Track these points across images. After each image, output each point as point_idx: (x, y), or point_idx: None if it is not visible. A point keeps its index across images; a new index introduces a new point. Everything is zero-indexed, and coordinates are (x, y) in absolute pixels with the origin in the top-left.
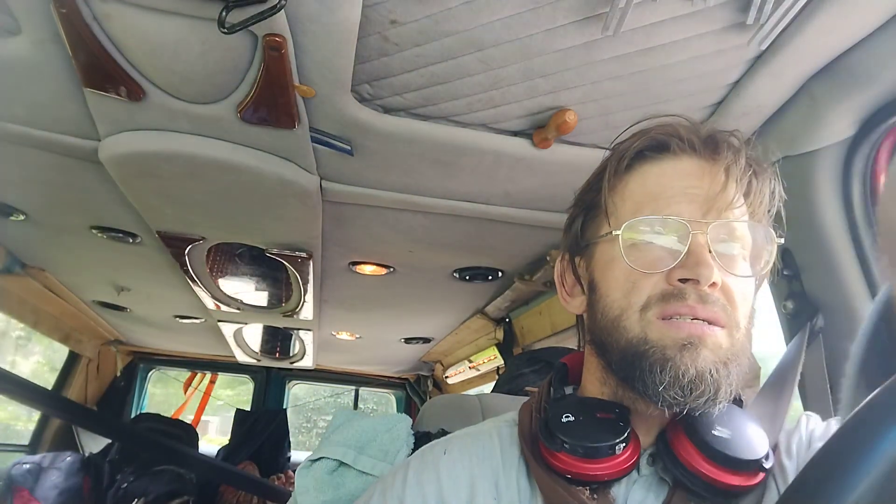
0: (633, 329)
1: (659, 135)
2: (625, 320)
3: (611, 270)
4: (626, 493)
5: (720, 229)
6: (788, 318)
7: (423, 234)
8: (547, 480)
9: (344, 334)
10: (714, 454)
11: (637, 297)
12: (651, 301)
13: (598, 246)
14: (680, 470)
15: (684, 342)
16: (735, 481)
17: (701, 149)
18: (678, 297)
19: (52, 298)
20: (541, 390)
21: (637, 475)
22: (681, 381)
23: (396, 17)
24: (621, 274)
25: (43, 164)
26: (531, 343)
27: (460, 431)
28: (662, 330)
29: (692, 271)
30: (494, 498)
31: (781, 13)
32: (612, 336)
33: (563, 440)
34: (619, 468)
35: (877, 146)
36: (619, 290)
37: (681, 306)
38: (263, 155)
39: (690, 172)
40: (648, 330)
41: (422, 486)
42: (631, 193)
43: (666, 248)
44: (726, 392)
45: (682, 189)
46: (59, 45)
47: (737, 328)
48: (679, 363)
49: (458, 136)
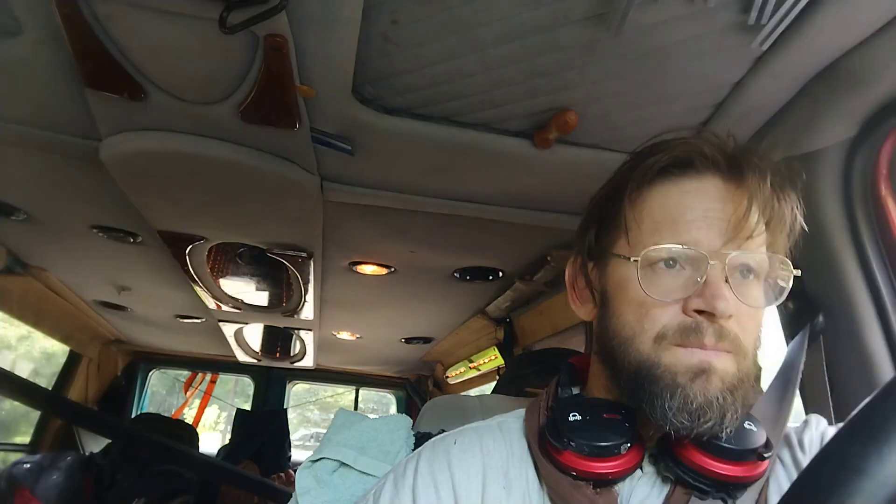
0: (646, 353)
1: (683, 151)
2: (638, 343)
3: (624, 291)
4: (630, 491)
5: (738, 259)
6: (788, 318)
7: (423, 235)
8: (554, 475)
9: (344, 334)
10: (712, 447)
11: (651, 325)
12: (667, 332)
13: (612, 261)
14: (680, 467)
15: (696, 370)
16: (735, 472)
17: (725, 169)
18: (696, 333)
19: (52, 298)
20: (548, 389)
21: (640, 473)
22: (689, 408)
23: (398, 18)
24: (635, 297)
25: (44, 164)
26: (532, 343)
27: (469, 425)
28: (676, 355)
29: (709, 304)
30: (504, 487)
31: (782, 14)
32: (623, 354)
33: (570, 438)
34: (624, 467)
35: (878, 147)
36: (632, 312)
37: (695, 340)
38: (264, 155)
39: (713, 195)
40: (662, 354)
41: (433, 475)
42: (650, 212)
43: (683, 276)
44: (732, 418)
45: (703, 212)
46: (60, 45)
47: (745, 356)
48: (689, 391)
49: (458, 136)
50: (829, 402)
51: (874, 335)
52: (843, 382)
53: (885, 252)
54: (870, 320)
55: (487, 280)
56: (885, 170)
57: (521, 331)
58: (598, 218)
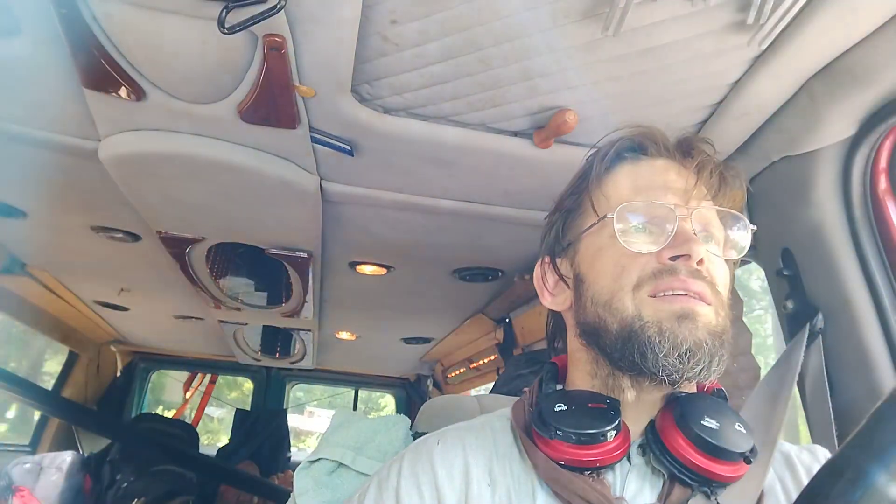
0: (626, 309)
1: (635, 138)
2: (616, 302)
3: (599, 259)
4: (623, 482)
5: (700, 217)
6: (788, 318)
7: (423, 234)
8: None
9: (344, 334)
10: (702, 442)
11: (628, 279)
12: (643, 280)
13: (583, 241)
14: (669, 459)
15: (679, 314)
16: (721, 470)
17: (674, 152)
18: (670, 273)
19: (52, 298)
20: (532, 388)
21: (629, 464)
22: (679, 349)
23: (397, 17)
24: (610, 259)
25: (43, 164)
26: (531, 343)
27: (453, 426)
28: (656, 305)
29: (683, 248)
30: (489, 484)
31: (781, 13)
32: (604, 320)
33: (557, 428)
34: (611, 454)
35: (877, 146)
36: (608, 275)
37: (673, 280)
38: (264, 155)
39: (668, 170)
40: (642, 308)
41: (416, 476)
42: (615, 188)
43: (656, 231)
44: (718, 364)
45: (664, 183)
46: (60, 45)
47: (722, 307)
48: (677, 332)
49: (458, 136)
50: (829, 402)
51: (874, 335)
52: (843, 382)
53: (884, 251)
54: (869, 320)
55: (487, 280)
56: (883, 169)
57: (520, 331)
58: (560, 214)
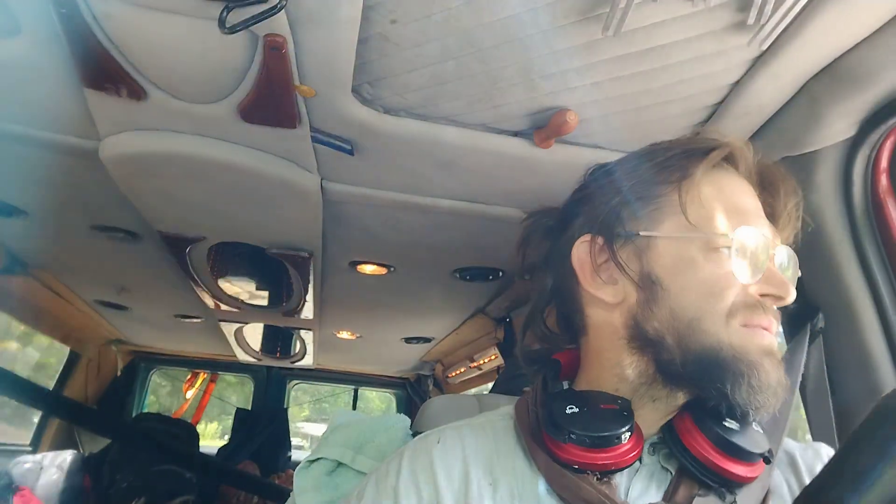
0: (716, 334)
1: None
2: (705, 324)
3: (688, 271)
4: (629, 482)
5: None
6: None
7: (423, 234)
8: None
9: (344, 334)
10: (724, 443)
11: (722, 304)
12: (736, 308)
13: (662, 241)
14: (688, 458)
15: (766, 350)
16: (741, 471)
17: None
18: (762, 311)
19: (52, 298)
20: (536, 386)
21: (639, 464)
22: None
23: (397, 17)
24: (703, 276)
25: (43, 164)
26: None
27: (453, 424)
28: (746, 338)
29: (779, 288)
30: (490, 483)
31: (782, 13)
32: (684, 337)
33: (571, 431)
34: (625, 457)
35: (877, 147)
36: (698, 292)
37: (763, 319)
38: (264, 155)
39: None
40: (733, 337)
41: (415, 474)
42: (706, 198)
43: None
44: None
45: (756, 209)
46: (60, 45)
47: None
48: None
49: (458, 136)
50: (829, 402)
51: (874, 335)
52: (843, 382)
53: (884, 251)
54: (870, 320)
55: (487, 280)
56: (884, 169)
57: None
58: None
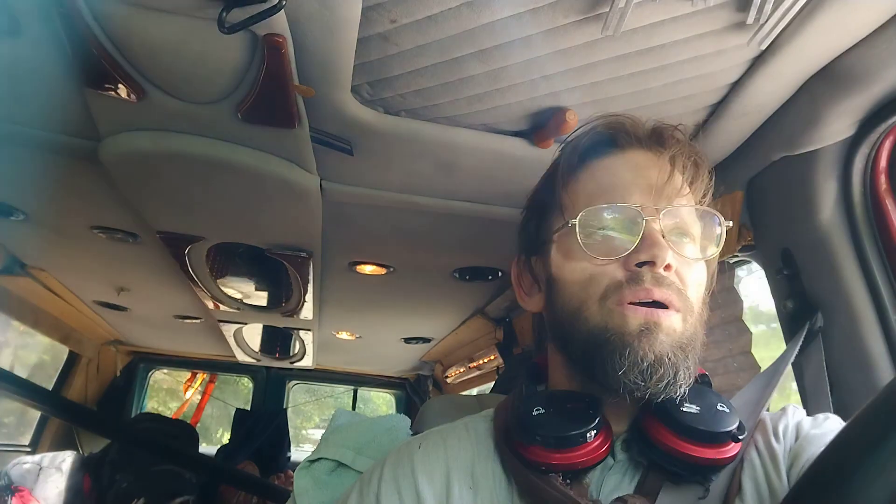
0: (593, 319)
1: (605, 130)
2: (585, 311)
3: (568, 264)
4: (601, 480)
5: (671, 215)
6: (788, 318)
7: (423, 234)
8: (522, 472)
9: (344, 334)
10: (685, 429)
11: (595, 288)
12: (609, 290)
13: (553, 243)
14: (653, 450)
15: (642, 327)
16: (709, 454)
17: (646, 141)
18: (635, 282)
19: (52, 298)
20: (517, 390)
21: (612, 461)
22: (640, 366)
23: (396, 17)
24: (578, 266)
25: (43, 164)
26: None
27: (434, 428)
28: (620, 318)
29: (648, 253)
30: (470, 487)
31: (781, 13)
32: (573, 327)
33: (536, 433)
34: (592, 455)
35: (877, 146)
36: (576, 282)
37: (638, 290)
38: (263, 155)
39: (638, 164)
40: (608, 319)
41: (397, 480)
42: (583, 187)
43: (621, 236)
44: (685, 376)
45: (632, 180)
46: (59, 45)
47: (690, 313)
48: (637, 348)
49: (458, 136)
50: (830, 402)
51: (874, 335)
52: (843, 382)
53: (884, 251)
54: (869, 320)
55: (487, 280)
56: (883, 168)
57: (520, 331)
58: (534, 211)
